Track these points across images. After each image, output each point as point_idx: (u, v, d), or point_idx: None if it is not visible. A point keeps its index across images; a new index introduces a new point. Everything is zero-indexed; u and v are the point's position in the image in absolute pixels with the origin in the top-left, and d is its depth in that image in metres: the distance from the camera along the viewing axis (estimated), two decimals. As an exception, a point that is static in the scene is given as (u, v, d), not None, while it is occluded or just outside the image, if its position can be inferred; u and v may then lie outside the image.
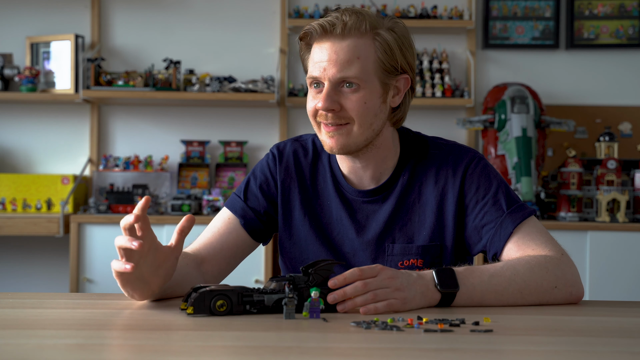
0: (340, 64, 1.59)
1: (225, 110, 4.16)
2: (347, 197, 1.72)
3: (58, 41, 4.01)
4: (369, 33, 1.60)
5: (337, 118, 1.61)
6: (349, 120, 1.61)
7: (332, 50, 1.59)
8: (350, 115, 1.61)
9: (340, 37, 1.59)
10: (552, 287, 1.52)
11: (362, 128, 1.62)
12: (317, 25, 1.60)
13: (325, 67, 1.60)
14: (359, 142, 1.63)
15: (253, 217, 1.75)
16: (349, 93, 1.60)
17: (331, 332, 1.23)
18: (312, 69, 1.63)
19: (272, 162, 1.78)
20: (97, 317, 1.36)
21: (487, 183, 1.68)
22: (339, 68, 1.59)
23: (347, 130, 1.62)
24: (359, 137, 1.63)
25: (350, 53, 1.59)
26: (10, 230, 3.62)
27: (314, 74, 1.62)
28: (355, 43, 1.59)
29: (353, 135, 1.62)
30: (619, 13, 4.11)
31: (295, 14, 4.02)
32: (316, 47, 1.62)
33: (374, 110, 1.62)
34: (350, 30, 1.59)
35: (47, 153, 4.14)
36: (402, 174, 1.71)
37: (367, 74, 1.60)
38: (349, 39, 1.59)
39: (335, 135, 1.62)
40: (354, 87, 1.60)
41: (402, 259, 1.67)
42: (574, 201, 3.69)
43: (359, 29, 1.59)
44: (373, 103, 1.62)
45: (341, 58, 1.59)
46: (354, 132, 1.62)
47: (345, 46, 1.59)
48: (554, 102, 4.11)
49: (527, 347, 1.15)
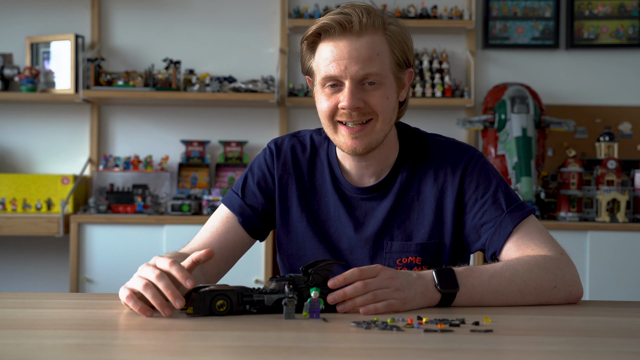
0: (363, 61, 1.57)
1: (225, 110, 4.16)
2: (345, 193, 1.72)
3: (58, 41, 4.01)
4: (381, 29, 1.60)
5: (361, 115, 1.60)
6: (373, 115, 1.61)
7: (352, 47, 1.57)
8: (375, 111, 1.60)
9: (357, 34, 1.58)
10: (552, 287, 1.52)
11: (384, 123, 1.62)
12: (334, 23, 1.58)
13: (347, 64, 1.57)
14: (380, 138, 1.63)
15: (251, 214, 1.74)
16: (372, 90, 1.59)
17: (331, 332, 1.23)
18: (327, 68, 1.59)
19: (270, 158, 1.77)
20: (97, 317, 1.36)
21: (487, 182, 1.67)
22: (362, 65, 1.57)
23: (370, 128, 1.61)
24: (380, 133, 1.63)
25: (370, 50, 1.58)
26: (10, 230, 3.62)
27: (332, 72, 1.59)
28: (372, 39, 1.59)
29: (375, 132, 1.62)
30: (619, 13, 4.11)
31: (295, 14, 4.02)
32: (330, 45, 1.59)
33: (392, 106, 1.63)
34: (367, 26, 1.58)
35: (47, 153, 4.14)
36: (401, 171, 1.71)
37: (386, 70, 1.60)
38: (366, 35, 1.58)
39: (359, 136, 1.61)
40: (376, 84, 1.59)
41: (401, 257, 1.67)
42: (574, 201, 3.69)
43: (373, 25, 1.59)
44: (393, 98, 1.63)
45: (362, 55, 1.57)
46: (377, 128, 1.62)
47: (364, 43, 1.58)
48: (554, 102, 4.11)
49: (527, 347, 1.15)
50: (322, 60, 1.61)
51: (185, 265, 1.38)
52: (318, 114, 1.67)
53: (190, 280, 1.31)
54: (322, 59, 1.61)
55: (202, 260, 1.38)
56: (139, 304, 1.33)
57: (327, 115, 1.62)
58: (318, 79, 1.62)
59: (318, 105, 1.64)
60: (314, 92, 1.67)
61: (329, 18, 1.58)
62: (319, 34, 1.61)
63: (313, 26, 1.61)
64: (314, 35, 1.61)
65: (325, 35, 1.60)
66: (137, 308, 1.33)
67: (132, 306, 1.34)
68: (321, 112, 1.64)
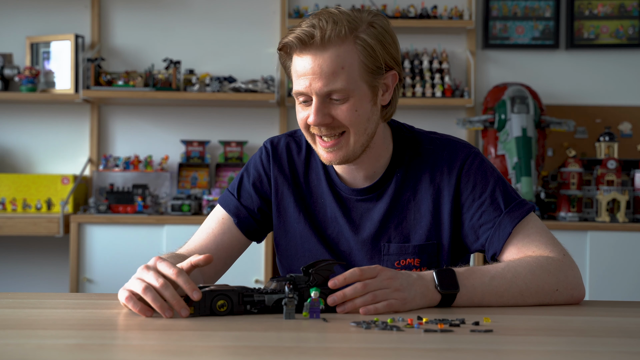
0: (326, 77, 1.53)
1: (225, 110, 4.16)
2: (341, 195, 1.70)
3: (58, 41, 4.01)
4: (349, 37, 1.54)
5: (331, 129, 1.58)
6: (344, 128, 1.58)
7: (315, 63, 1.53)
8: (344, 124, 1.57)
9: (321, 48, 1.53)
10: (554, 289, 1.51)
11: (358, 135, 1.59)
12: (294, 39, 1.54)
13: (310, 81, 1.54)
14: (357, 150, 1.61)
15: (247, 215, 1.73)
16: (339, 104, 1.56)
17: (331, 332, 1.23)
18: (296, 84, 1.58)
19: (266, 158, 1.75)
20: (97, 317, 1.36)
21: (484, 181, 1.65)
22: (325, 82, 1.53)
23: (344, 142, 1.59)
24: (356, 145, 1.60)
25: (333, 64, 1.53)
26: (10, 230, 3.62)
27: (299, 89, 1.57)
28: (337, 52, 1.53)
29: (350, 145, 1.59)
30: (619, 13, 4.11)
31: (295, 14, 4.02)
32: (297, 59, 1.57)
33: (366, 116, 1.59)
34: (330, 38, 1.52)
35: (47, 153, 4.14)
36: (396, 171, 1.68)
37: (354, 82, 1.55)
38: (330, 48, 1.53)
39: (334, 150, 1.59)
40: (341, 99, 1.56)
41: (399, 259, 1.66)
42: (574, 201, 3.69)
43: (338, 35, 1.53)
44: (364, 109, 1.58)
45: (325, 71, 1.53)
46: (351, 141, 1.59)
47: (327, 57, 1.53)
48: (554, 102, 4.11)
49: (527, 347, 1.15)
50: (293, 73, 1.59)
51: (184, 267, 1.38)
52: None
53: (197, 292, 1.31)
54: (293, 72, 1.59)
55: (200, 265, 1.38)
56: (138, 305, 1.33)
57: (303, 127, 1.62)
58: (293, 91, 1.61)
59: (297, 115, 1.63)
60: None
61: (294, 33, 1.55)
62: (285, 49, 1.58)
63: (283, 39, 1.58)
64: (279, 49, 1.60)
65: (291, 51, 1.57)
66: (137, 309, 1.33)
67: (131, 307, 1.34)
68: (299, 122, 1.63)
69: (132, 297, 1.34)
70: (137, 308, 1.33)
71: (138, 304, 1.33)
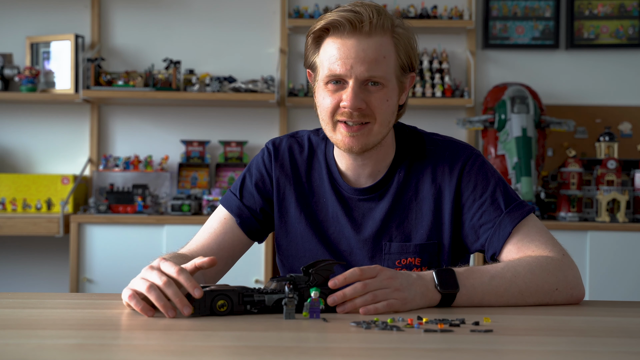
0: (369, 62, 1.56)
1: (225, 110, 4.16)
2: (343, 194, 1.71)
3: (58, 41, 4.01)
4: (389, 30, 1.59)
5: (361, 116, 1.59)
6: (371, 119, 1.60)
7: (360, 47, 1.56)
8: (374, 114, 1.59)
9: (367, 35, 1.56)
10: (553, 289, 1.51)
11: (382, 126, 1.61)
12: (344, 20, 1.56)
13: (352, 64, 1.56)
14: (377, 140, 1.63)
15: (249, 215, 1.73)
16: (374, 91, 1.58)
17: (331, 332, 1.23)
18: (333, 66, 1.58)
19: (268, 159, 1.76)
20: (97, 317, 1.36)
21: (485, 181, 1.66)
22: (367, 67, 1.56)
23: (368, 130, 1.60)
24: (378, 135, 1.62)
25: (377, 52, 1.57)
26: (10, 230, 3.62)
27: (337, 71, 1.57)
28: (381, 41, 1.57)
29: (373, 134, 1.61)
30: (619, 13, 4.11)
31: (295, 14, 4.02)
32: (337, 43, 1.58)
33: (392, 109, 1.62)
34: (376, 27, 1.57)
35: (47, 153, 4.14)
36: (398, 171, 1.70)
37: (391, 73, 1.59)
38: (375, 36, 1.57)
39: (357, 135, 1.60)
40: (379, 85, 1.58)
41: (400, 258, 1.66)
42: (574, 201, 3.69)
43: (382, 26, 1.57)
44: (393, 101, 1.62)
45: (369, 56, 1.56)
46: (374, 130, 1.61)
47: (372, 44, 1.57)
48: (554, 102, 4.11)
49: (527, 347, 1.15)
50: (327, 57, 1.59)
51: (188, 268, 1.38)
52: (317, 110, 1.65)
53: (198, 290, 1.31)
54: (327, 56, 1.59)
55: (204, 267, 1.39)
56: (141, 304, 1.33)
57: (328, 113, 1.61)
58: (321, 75, 1.61)
59: (319, 100, 1.62)
60: (314, 87, 1.65)
61: (339, 15, 1.56)
62: (327, 29, 1.59)
63: (322, 21, 1.59)
64: (321, 30, 1.59)
65: (333, 32, 1.58)
66: (139, 308, 1.33)
67: (134, 305, 1.34)
68: (322, 108, 1.62)
69: (135, 296, 1.34)
70: (140, 307, 1.33)
71: (141, 303, 1.33)
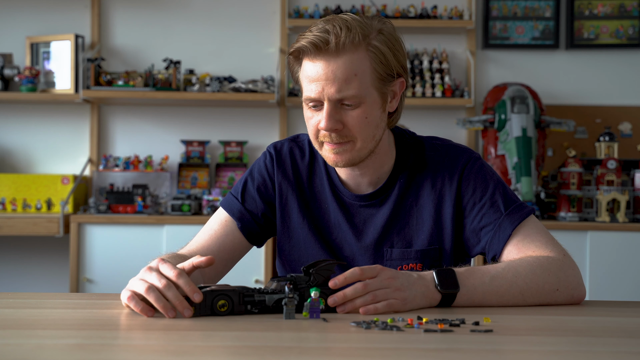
0: (339, 83, 1.54)
1: (225, 110, 4.16)
2: (344, 200, 1.71)
3: (58, 41, 4.01)
4: (362, 44, 1.55)
5: (340, 137, 1.58)
6: (351, 137, 1.58)
7: (329, 69, 1.53)
8: (352, 133, 1.58)
9: (334, 54, 1.53)
10: (554, 289, 1.51)
11: (365, 142, 1.60)
12: (307, 43, 1.53)
13: (323, 86, 1.54)
14: (363, 154, 1.61)
15: (250, 219, 1.73)
16: (350, 110, 1.57)
17: (331, 332, 1.23)
18: (308, 90, 1.57)
19: (270, 163, 1.75)
20: (97, 317, 1.36)
21: (484, 184, 1.66)
22: (338, 88, 1.54)
23: (350, 147, 1.59)
24: (362, 151, 1.60)
25: (347, 71, 1.53)
26: (10, 230, 3.62)
27: (311, 95, 1.56)
28: (350, 59, 1.54)
29: (356, 150, 1.60)
30: (619, 13, 4.11)
31: (295, 14, 4.02)
32: (309, 64, 1.56)
33: (375, 123, 1.60)
34: (344, 45, 1.53)
35: (47, 153, 4.14)
36: (399, 177, 1.70)
37: (366, 88, 1.56)
38: (344, 55, 1.53)
39: (340, 152, 1.59)
40: (354, 104, 1.56)
41: (401, 264, 1.67)
42: (574, 201, 3.69)
43: (352, 42, 1.53)
44: (374, 116, 1.59)
45: (339, 77, 1.53)
46: (357, 147, 1.59)
47: (341, 64, 1.53)
48: (554, 102, 4.11)
49: (527, 347, 1.15)
50: (304, 77, 1.59)
51: (185, 268, 1.38)
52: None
53: (198, 294, 1.31)
54: (304, 76, 1.58)
55: (202, 266, 1.39)
56: (140, 305, 1.33)
57: (312, 134, 1.61)
58: (303, 95, 1.61)
59: (306, 118, 1.62)
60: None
61: (308, 38, 1.54)
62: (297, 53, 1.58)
63: (294, 43, 1.58)
64: (290, 54, 1.59)
65: (303, 55, 1.57)
66: (139, 309, 1.33)
67: (133, 306, 1.34)
68: (308, 127, 1.62)
69: (135, 297, 1.34)
70: (139, 308, 1.33)
71: (140, 304, 1.33)
